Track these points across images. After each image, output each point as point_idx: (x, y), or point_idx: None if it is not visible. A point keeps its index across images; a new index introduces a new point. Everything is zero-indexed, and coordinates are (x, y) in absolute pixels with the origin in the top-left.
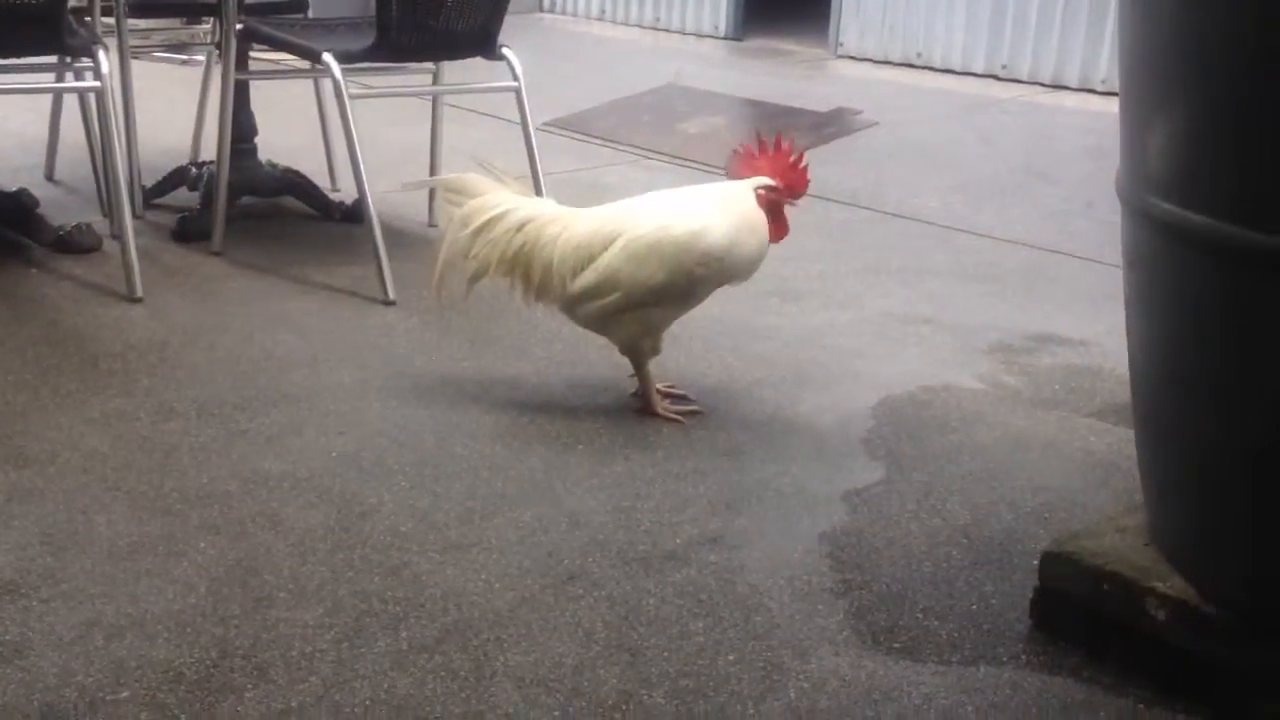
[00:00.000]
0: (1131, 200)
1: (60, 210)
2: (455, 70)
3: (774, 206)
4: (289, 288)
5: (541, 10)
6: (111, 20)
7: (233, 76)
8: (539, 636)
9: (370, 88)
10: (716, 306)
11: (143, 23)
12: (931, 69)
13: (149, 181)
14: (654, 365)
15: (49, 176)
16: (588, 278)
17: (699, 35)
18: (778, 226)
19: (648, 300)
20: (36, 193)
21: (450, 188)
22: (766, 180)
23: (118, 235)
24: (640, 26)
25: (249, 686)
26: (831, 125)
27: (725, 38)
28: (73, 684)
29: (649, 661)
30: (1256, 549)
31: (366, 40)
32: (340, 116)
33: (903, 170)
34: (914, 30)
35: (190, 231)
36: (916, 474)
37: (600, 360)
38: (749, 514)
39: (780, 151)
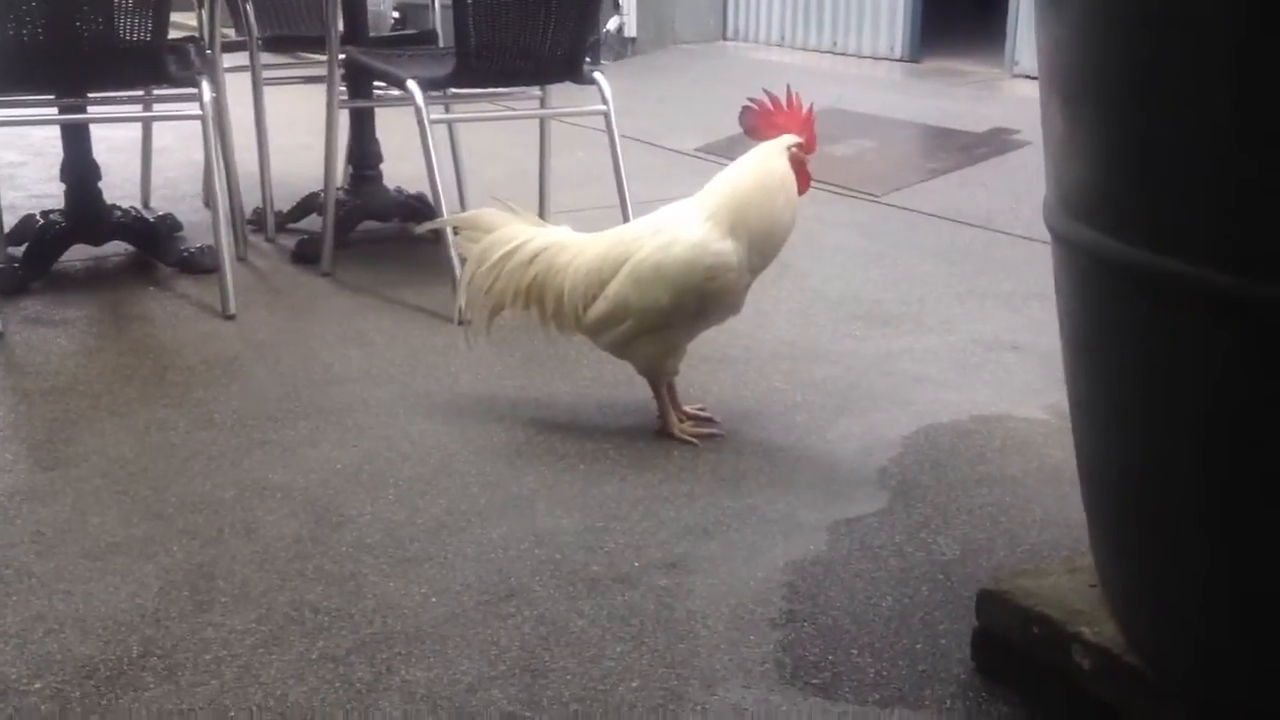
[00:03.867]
0: (1049, 223)
1: (204, 234)
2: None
3: (800, 164)
4: (377, 306)
5: (724, 39)
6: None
7: (336, 105)
8: (450, 653)
9: (487, 112)
10: (793, 329)
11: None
12: None
13: (287, 207)
14: (690, 386)
15: (206, 203)
16: (599, 307)
17: (875, 58)
18: (803, 181)
19: (662, 323)
20: (191, 218)
21: (465, 224)
22: (795, 139)
23: (242, 257)
24: (818, 51)
25: (152, 685)
26: (984, 146)
27: (902, 59)
28: None
29: (548, 684)
30: (1156, 595)
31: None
32: (421, 140)
33: None
34: None
35: (307, 254)
36: (920, 506)
37: (642, 381)
38: (722, 539)
39: (794, 108)
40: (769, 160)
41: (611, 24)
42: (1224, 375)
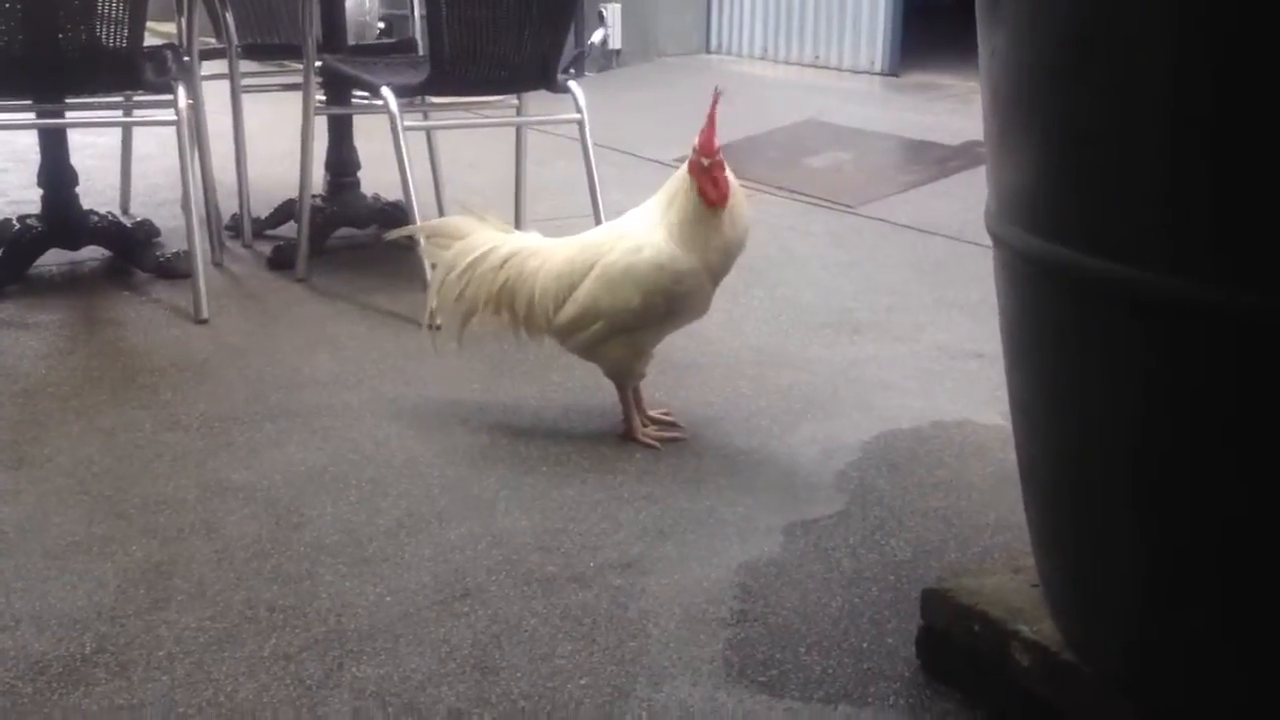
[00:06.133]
0: (988, 226)
1: (183, 239)
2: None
3: (701, 172)
4: (350, 312)
5: (708, 51)
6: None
7: (312, 112)
8: (402, 651)
9: (462, 119)
10: (761, 336)
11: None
12: None
13: (265, 213)
14: (657, 391)
15: (184, 208)
16: (570, 310)
17: (855, 71)
18: (707, 187)
19: (631, 324)
20: (170, 224)
21: (434, 231)
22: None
23: (219, 262)
24: (800, 64)
25: (103, 681)
26: (957, 159)
27: (881, 73)
28: None
29: (497, 682)
30: (1090, 593)
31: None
32: (395, 147)
33: None
34: None
35: (283, 260)
36: (876, 508)
37: (608, 386)
38: (678, 540)
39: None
40: (680, 174)
41: (596, 36)
42: (1151, 376)
